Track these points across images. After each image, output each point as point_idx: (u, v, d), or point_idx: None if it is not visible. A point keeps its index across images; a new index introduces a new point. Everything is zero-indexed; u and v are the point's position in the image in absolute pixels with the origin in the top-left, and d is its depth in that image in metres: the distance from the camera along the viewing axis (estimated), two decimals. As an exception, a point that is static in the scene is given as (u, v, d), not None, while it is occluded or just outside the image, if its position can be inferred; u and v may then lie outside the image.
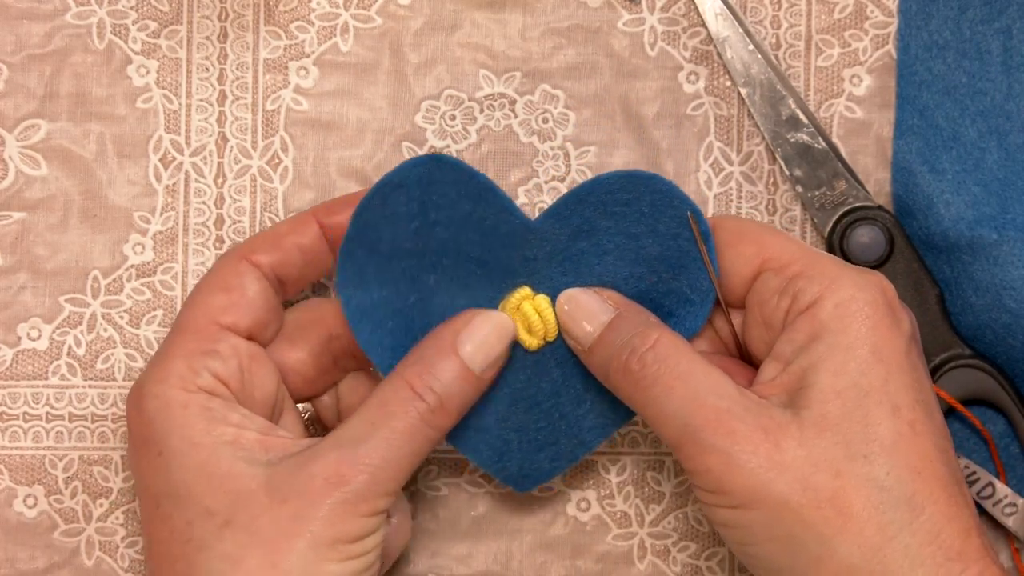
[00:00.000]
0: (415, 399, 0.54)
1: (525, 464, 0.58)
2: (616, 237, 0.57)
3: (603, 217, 0.57)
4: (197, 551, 0.53)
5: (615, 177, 0.57)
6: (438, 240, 0.56)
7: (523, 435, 0.58)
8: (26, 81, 0.62)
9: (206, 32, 0.62)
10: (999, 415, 0.61)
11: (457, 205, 0.56)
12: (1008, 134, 0.61)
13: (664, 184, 0.56)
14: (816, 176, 0.62)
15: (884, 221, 0.61)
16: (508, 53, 0.63)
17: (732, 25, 0.62)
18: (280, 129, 0.63)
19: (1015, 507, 0.60)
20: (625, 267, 0.57)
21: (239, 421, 0.54)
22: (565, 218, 0.57)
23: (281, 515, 0.52)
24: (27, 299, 0.62)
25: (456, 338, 0.55)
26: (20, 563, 0.62)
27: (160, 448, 0.54)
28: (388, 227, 0.56)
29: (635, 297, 0.57)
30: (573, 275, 0.57)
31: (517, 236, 0.57)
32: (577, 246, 0.57)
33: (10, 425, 0.62)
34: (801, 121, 0.61)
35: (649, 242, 0.57)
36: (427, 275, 0.56)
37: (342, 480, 0.52)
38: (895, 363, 0.52)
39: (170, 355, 0.55)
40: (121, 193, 0.62)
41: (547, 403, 0.58)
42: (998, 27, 0.62)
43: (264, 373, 0.57)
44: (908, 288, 0.61)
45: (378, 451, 0.53)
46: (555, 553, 0.62)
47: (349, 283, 0.56)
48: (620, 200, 0.56)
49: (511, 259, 0.57)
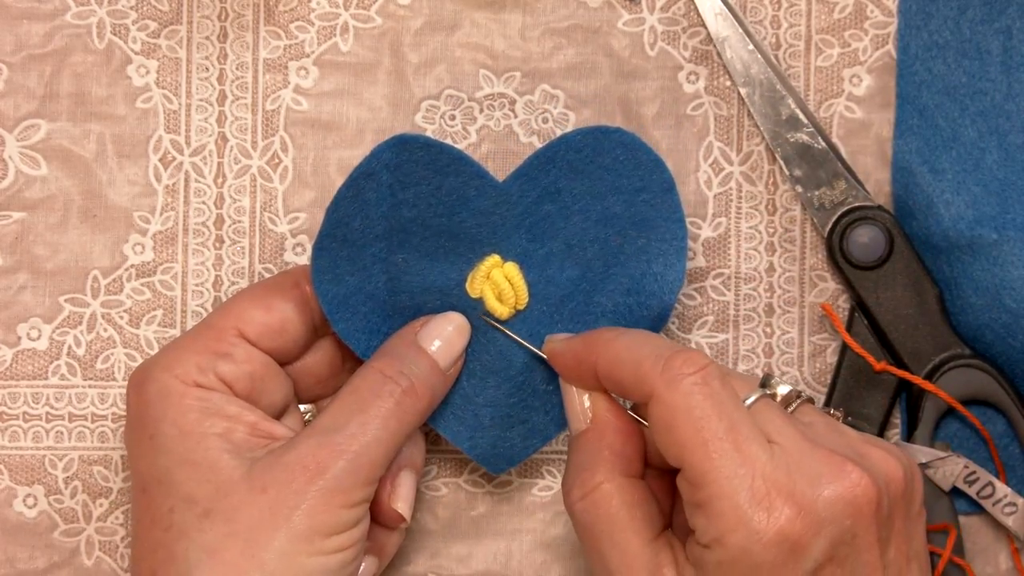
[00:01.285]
0: (387, 382, 0.54)
1: (498, 442, 0.58)
2: (581, 198, 0.57)
3: (569, 177, 0.57)
4: (177, 539, 0.53)
5: (580, 134, 0.57)
6: (405, 219, 0.57)
7: (495, 411, 0.58)
8: (26, 81, 0.62)
9: (206, 32, 0.62)
10: (999, 415, 0.61)
11: (424, 182, 0.56)
12: (1008, 134, 0.61)
13: (627, 136, 0.57)
14: (816, 176, 0.62)
15: (884, 221, 0.61)
16: (508, 53, 0.63)
17: (732, 25, 0.62)
18: (280, 129, 0.63)
19: (1015, 507, 0.60)
20: (591, 228, 0.57)
21: (234, 414, 0.54)
22: (533, 179, 0.57)
23: (260, 505, 0.52)
24: (27, 299, 0.62)
25: (417, 335, 0.56)
26: (20, 563, 0.62)
27: (152, 432, 0.54)
28: (359, 216, 0.56)
29: (604, 258, 0.57)
30: (539, 240, 0.57)
31: (487, 200, 0.57)
32: (543, 209, 0.57)
33: (10, 425, 0.62)
34: (801, 121, 0.62)
35: (613, 200, 0.57)
36: (395, 255, 0.57)
37: (320, 467, 0.52)
38: None
39: (184, 347, 0.55)
40: (121, 193, 0.62)
41: (519, 378, 0.58)
42: (998, 27, 0.62)
43: (275, 385, 0.57)
44: (907, 288, 0.61)
45: (355, 437, 0.53)
46: (555, 553, 0.62)
47: (324, 278, 0.57)
48: (585, 157, 0.57)
49: (480, 227, 0.57)
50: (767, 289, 0.62)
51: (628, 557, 0.52)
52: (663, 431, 0.51)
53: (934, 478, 0.60)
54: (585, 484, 0.53)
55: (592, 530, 0.53)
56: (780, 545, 0.49)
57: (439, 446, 0.62)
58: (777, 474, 0.50)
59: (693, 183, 0.62)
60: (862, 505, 0.50)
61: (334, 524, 0.53)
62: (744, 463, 0.50)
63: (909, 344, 0.60)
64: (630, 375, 0.52)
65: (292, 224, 0.62)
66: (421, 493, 0.62)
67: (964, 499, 0.61)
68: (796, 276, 0.62)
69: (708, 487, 0.50)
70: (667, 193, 0.57)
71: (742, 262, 0.62)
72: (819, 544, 0.49)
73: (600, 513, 0.53)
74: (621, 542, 0.52)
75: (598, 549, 0.53)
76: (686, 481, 0.51)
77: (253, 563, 0.52)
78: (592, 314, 0.58)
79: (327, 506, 0.52)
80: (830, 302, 0.62)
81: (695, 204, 0.62)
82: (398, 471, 0.57)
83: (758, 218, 0.62)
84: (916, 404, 0.60)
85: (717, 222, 0.62)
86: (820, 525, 0.49)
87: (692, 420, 0.50)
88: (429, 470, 0.62)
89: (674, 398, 0.51)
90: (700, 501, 0.50)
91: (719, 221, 0.62)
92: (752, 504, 0.49)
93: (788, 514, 0.49)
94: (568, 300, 0.58)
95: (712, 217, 0.62)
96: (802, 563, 0.49)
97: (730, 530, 0.49)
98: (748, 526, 0.49)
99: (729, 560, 0.49)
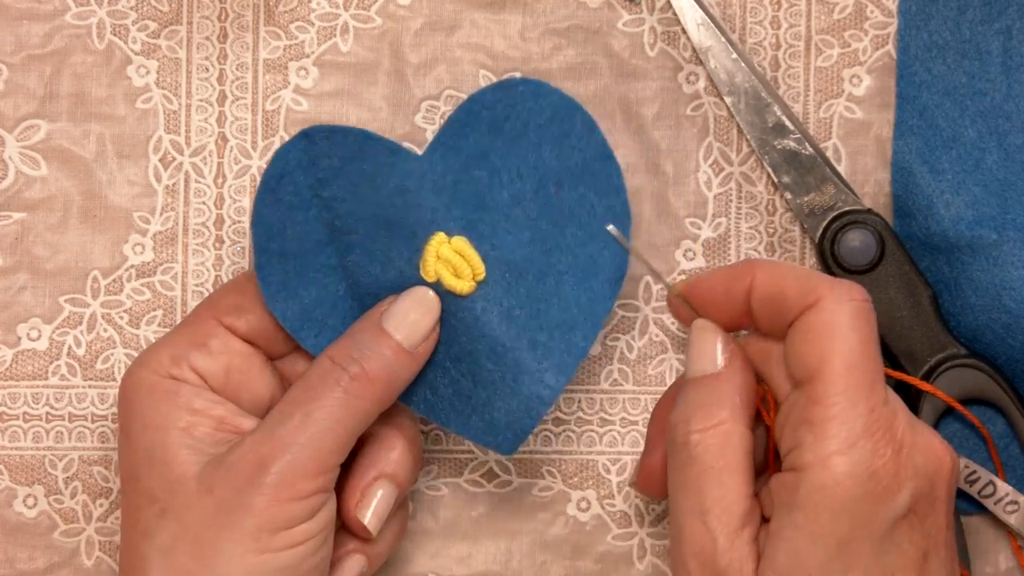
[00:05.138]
0: (336, 370, 0.53)
1: (497, 419, 0.56)
2: (509, 157, 0.56)
3: (491, 137, 0.56)
4: (142, 538, 0.53)
5: (489, 91, 0.56)
6: (340, 218, 0.55)
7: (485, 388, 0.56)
8: (26, 81, 0.62)
9: (206, 32, 0.63)
10: (998, 415, 0.61)
11: (345, 171, 0.55)
12: (1008, 134, 0.61)
13: (536, 85, 0.56)
14: (804, 182, 0.61)
15: (874, 224, 0.61)
16: (508, 53, 0.63)
17: (714, 35, 0.61)
18: (280, 129, 0.63)
19: (1016, 505, 0.60)
20: (527, 186, 0.56)
21: (201, 408, 0.54)
22: (453, 147, 0.56)
23: (207, 506, 0.52)
24: (27, 299, 0.62)
25: (380, 317, 0.55)
26: (20, 563, 0.62)
27: (126, 428, 0.54)
28: (289, 225, 0.55)
29: (549, 215, 0.56)
30: (479, 209, 0.56)
31: (411, 178, 0.56)
32: (473, 175, 0.56)
33: (10, 425, 0.62)
34: (787, 127, 0.61)
35: (542, 152, 0.56)
36: (346, 257, 0.56)
37: (262, 464, 0.52)
38: (864, 553, 0.50)
39: (162, 343, 0.55)
40: (121, 193, 0.62)
41: (500, 346, 0.56)
42: (998, 27, 0.62)
43: (258, 379, 0.56)
44: (901, 291, 0.60)
45: (298, 430, 0.52)
46: (555, 553, 0.62)
47: (277, 296, 0.56)
48: (501, 114, 0.56)
49: (413, 208, 0.56)
50: (767, 289, 0.62)
51: (727, 500, 0.52)
52: (812, 338, 0.52)
53: (934, 478, 0.60)
54: (709, 418, 0.52)
55: (701, 463, 0.52)
56: (877, 482, 0.50)
57: (439, 446, 0.62)
58: (890, 416, 0.51)
59: (693, 183, 0.62)
60: (946, 469, 0.52)
61: (284, 520, 0.52)
62: (872, 395, 0.51)
63: (904, 346, 0.60)
64: (796, 284, 0.53)
65: (292, 224, 0.62)
66: (421, 493, 0.62)
67: (964, 499, 0.61)
68: (796, 276, 0.62)
69: (832, 406, 0.51)
70: (590, 133, 0.56)
71: (742, 262, 0.62)
72: (906, 492, 0.51)
73: (716, 449, 0.52)
74: (727, 482, 0.52)
75: (698, 485, 0.52)
76: (807, 396, 0.51)
77: (203, 565, 0.51)
78: (556, 273, 0.57)
79: (272, 502, 0.51)
80: (830, 302, 0.62)
81: (695, 204, 0.62)
82: (373, 480, 0.55)
83: (758, 218, 0.62)
84: (914, 405, 0.60)
85: (717, 222, 0.62)
86: (913, 474, 0.51)
87: (849, 336, 0.51)
88: (429, 470, 0.62)
89: (840, 310, 0.52)
90: (816, 418, 0.51)
91: (719, 221, 0.62)
92: (864, 435, 0.50)
93: (890, 454, 0.51)
94: (528, 265, 0.57)
95: (712, 217, 0.62)
96: (889, 507, 0.50)
97: (838, 452, 0.50)
98: (856, 453, 0.50)
99: (827, 486, 0.50)
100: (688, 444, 0.52)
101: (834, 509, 0.50)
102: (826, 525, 0.50)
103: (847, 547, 0.50)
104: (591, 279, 0.57)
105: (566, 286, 0.57)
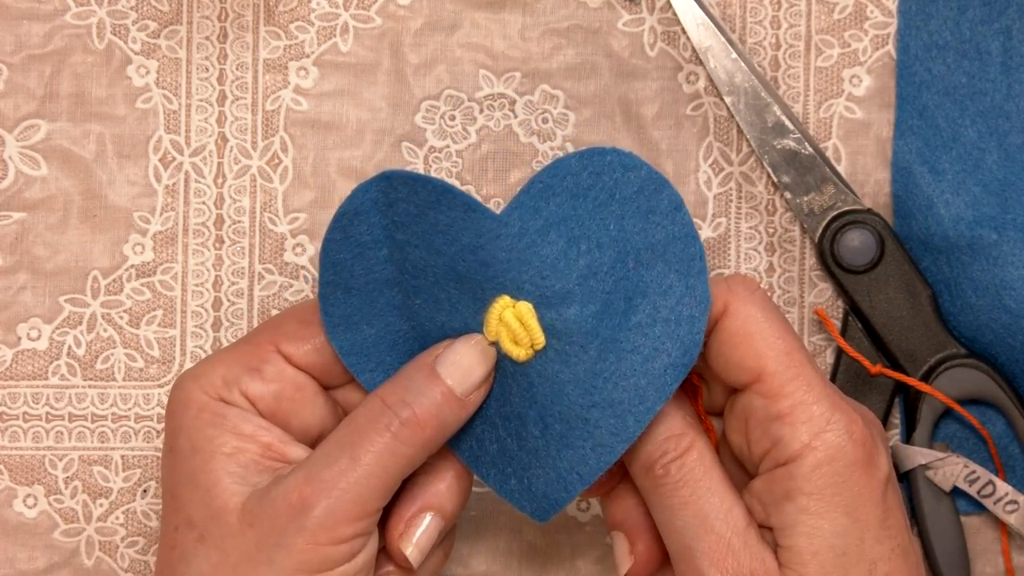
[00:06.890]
0: (386, 413, 0.52)
1: (535, 485, 0.54)
2: (589, 226, 0.54)
3: (572, 204, 0.54)
4: (179, 560, 0.52)
5: (575, 157, 0.54)
6: (411, 262, 0.54)
7: (528, 454, 0.54)
8: (26, 81, 0.62)
9: (206, 32, 0.63)
10: (998, 415, 0.61)
11: (421, 219, 0.54)
12: (1008, 134, 0.61)
13: (625, 156, 0.54)
14: (804, 182, 0.61)
15: (874, 224, 0.61)
16: (508, 53, 0.63)
17: (714, 34, 0.61)
18: (280, 129, 0.63)
19: (1016, 504, 0.60)
20: (605, 256, 0.54)
21: (249, 433, 0.53)
22: (533, 208, 0.54)
23: (247, 540, 0.51)
24: (27, 299, 0.62)
25: (434, 361, 0.53)
26: (20, 563, 0.62)
27: (171, 444, 0.54)
28: (358, 261, 0.54)
29: (623, 290, 0.54)
30: (551, 276, 0.54)
31: (487, 237, 0.54)
32: (550, 239, 0.54)
33: (10, 425, 0.62)
34: (787, 127, 0.61)
35: (623, 225, 0.54)
36: (412, 299, 0.55)
37: (304, 505, 0.51)
38: (871, 518, 0.51)
39: (218, 359, 0.54)
40: (121, 193, 0.62)
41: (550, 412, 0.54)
42: (998, 27, 0.62)
43: (309, 407, 0.55)
44: (900, 290, 0.60)
45: (343, 474, 0.51)
46: (555, 553, 0.62)
47: (338, 329, 0.55)
48: (585, 182, 0.54)
49: (483, 267, 0.54)
50: (767, 289, 0.62)
51: (727, 504, 0.52)
52: (738, 344, 0.52)
53: (934, 479, 0.60)
54: (680, 443, 0.53)
55: (691, 483, 0.52)
56: (864, 445, 0.51)
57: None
58: (831, 385, 0.52)
59: (693, 183, 0.62)
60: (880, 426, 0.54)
61: (322, 561, 0.51)
62: (814, 369, 0.52)
63: (904, 346, 0.60)
64: None
65: (292, 224, 0.62)
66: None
67: (964, 499, 0.61)
68: (795, 276, 0.62)
69: (793, 394, 0.51)
70: (676, 211, 0.54)
71: (742, 262, 0.62)
72: (884, 455, 0.52)
73: (698, 466, 0.52)
74: (719, 489, 0.52)
75: (695, 501, 0.52)
76: (762, 395, 0.52)
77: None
78: (620, 351, 0.54)
79: (312, 544, 0.51)
80: (829, 303, 0.62)
81: (695, 204, 0.62)
82: (419, 512, 0.54)
83: (758, 218, 0.62)
84: (914, 405, 0.60)
85: (717, 222, 0.62)
86: (878, 434, 0.52)
87: (771, 330, 0.52)
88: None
89: (750, 310, 0.52)
90: (783, 411, 0.51)
91: (719, 221, 0.62)
92: (834, 408, 0.51)
93: (859, 420, 0.52)
94: (591, 337, 0.54)
95: (712, 217, 0.62)
96: (878, 470, 0.52)
97: (822, 430, 0.51)
98: (837, 426, 0.51)
99: (825, 460, 0.51)
100: (669, 473, 0.52)
101: (837, 483, 0.51)
102: (833, 499, 0.51)
103: (856, 515, 0.51)
104: (654, 362, 0.54)
105: (627, 366, 0.54)
